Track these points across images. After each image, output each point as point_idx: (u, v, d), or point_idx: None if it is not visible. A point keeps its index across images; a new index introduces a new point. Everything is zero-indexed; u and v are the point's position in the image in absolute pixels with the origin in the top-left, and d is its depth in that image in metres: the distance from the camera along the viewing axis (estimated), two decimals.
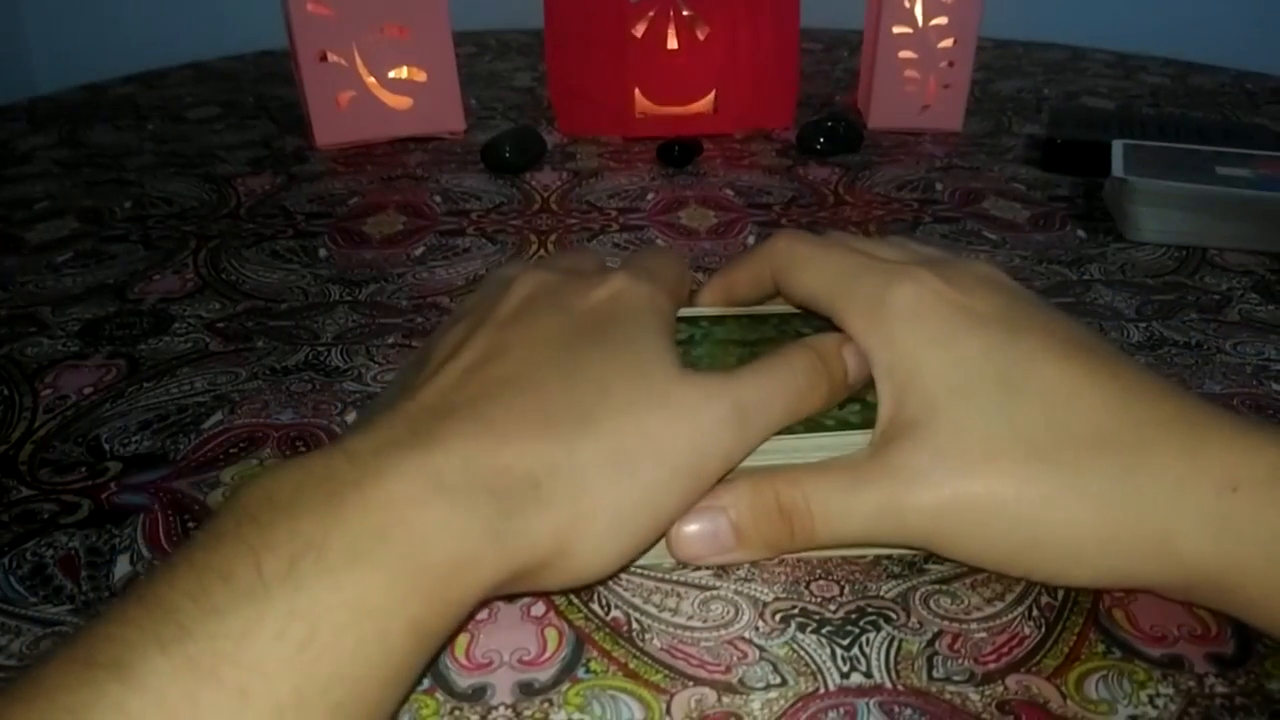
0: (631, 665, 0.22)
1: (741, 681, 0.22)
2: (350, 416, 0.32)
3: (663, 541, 0.25)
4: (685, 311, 0.31)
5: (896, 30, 0.63)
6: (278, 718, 0.16)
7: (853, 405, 0.27)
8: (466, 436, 0.20)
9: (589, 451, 0.21)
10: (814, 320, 0.30)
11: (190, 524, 0.27)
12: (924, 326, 0.24)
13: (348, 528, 0.18)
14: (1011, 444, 0.22)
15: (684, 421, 0.22)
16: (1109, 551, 0.22)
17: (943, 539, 0.23)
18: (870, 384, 0.27)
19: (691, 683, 0.22)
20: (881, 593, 0.24)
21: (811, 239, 0.28)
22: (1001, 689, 0.22)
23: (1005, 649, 0.23)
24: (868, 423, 0.26)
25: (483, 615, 0.24)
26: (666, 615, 0.24)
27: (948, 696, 0.21)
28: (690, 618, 0.24)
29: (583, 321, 0.24)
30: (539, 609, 0.24)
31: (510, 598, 0.24)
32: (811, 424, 0.26)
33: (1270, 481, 0.21)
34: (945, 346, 0.24)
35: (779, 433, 0.26)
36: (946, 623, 0.23)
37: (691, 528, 0.24)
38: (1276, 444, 0.22)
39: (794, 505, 0.23)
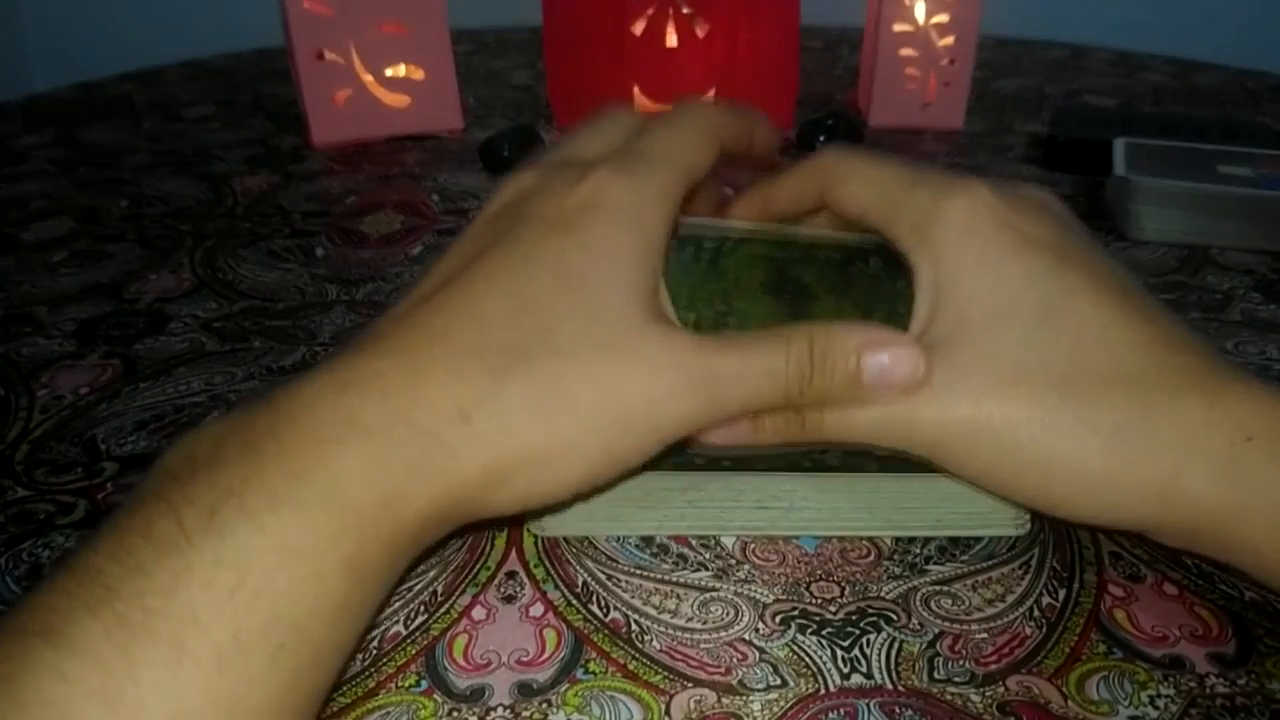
0: (631, 666, 0.22)
1: (741, 683, 0.22)
2: None
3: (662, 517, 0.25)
4: (712, 224, 0.28)
5: (897, 28, 0.63)
6: (218, 663, 0.16)
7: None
8: (386, 373, 0.20)
9: (521, 386, 0.20)
10: (841, 249, 0.28)
11: None
12: (971, 244, 0.24)
13: (265, 473, 0.18)
14: (1035, 373, 0.22)
15: (639, 377, 0.21)
16: (1117, 486, 0.22)
17: (948, 453, 0.23)
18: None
19: (691, 684, 0.22)
20: (882, 594, 0.24)
21: (863, 152, 0.27)
22: (1002, 690, 0.21)
23: (1006, 650, 0.23)
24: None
25: (481, 616, 0.24)
26: (666, 617, 0.24)
27: (949, 698, 0.21)
28: (690, 619, 0.24)
29: (544, 236, 0.22)
30: (538, 609, 0.24)
31: (509, 598, 0.24)
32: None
33: None
34: (989, 268, 0.23)
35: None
36: (947, 624, 0.23)
37: None
38: None
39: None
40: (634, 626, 0.23)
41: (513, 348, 0.20)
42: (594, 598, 0.24)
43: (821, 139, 0.60)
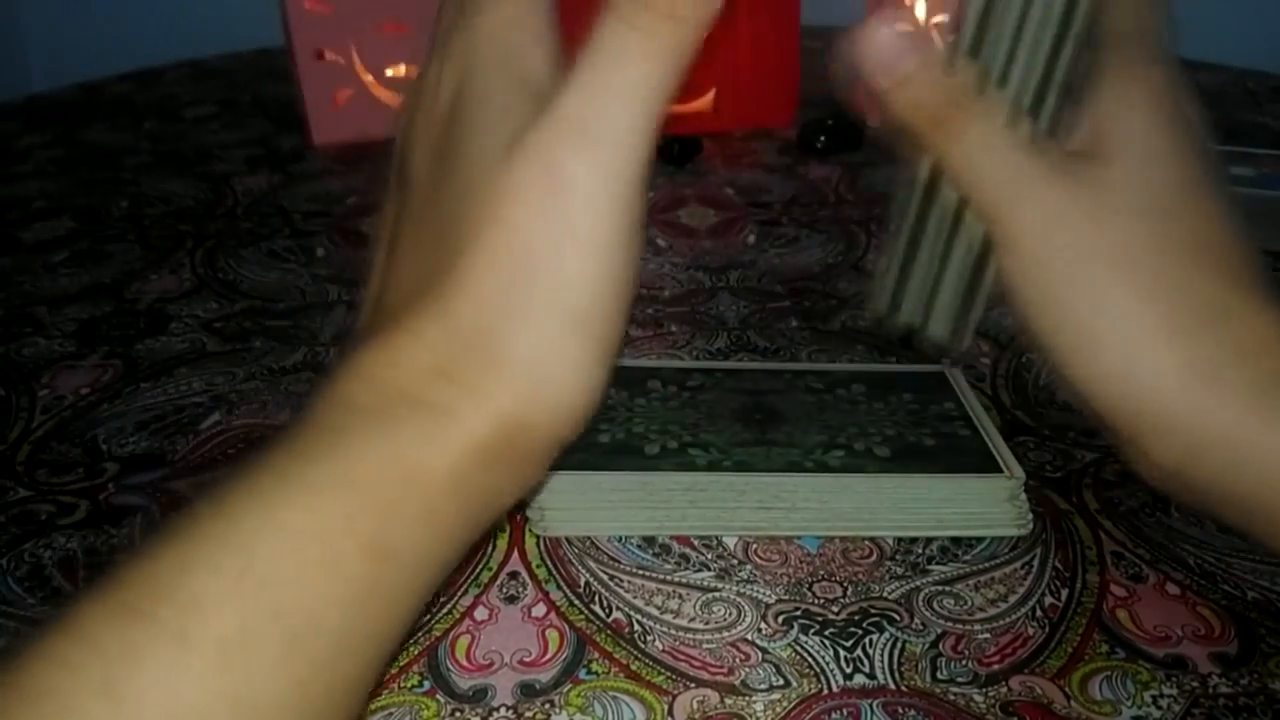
0: (633, 667, 0.22)
1: (744, 683, 0.22)
2: None
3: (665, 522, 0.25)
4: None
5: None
6: (222, 654, 0.15)
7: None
8: (366, 360, 0.19)
9: (466, 310, 0.18)
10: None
11: None
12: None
13: (274, 460, 0.18)
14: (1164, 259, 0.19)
15: (531, 202, 0.18)
16: (1161, 335, 0.19)
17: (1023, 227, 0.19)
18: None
19: (693, 684, 0.22)
20: (885, 594, 0.24)
21: None
22: (1005, 690, 0.21)
23: (1009, 650, 0.23)
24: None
25: (483, 616, 0.24)
26: (668, 617, 0.24)
27: (951, 698, 0.21)
28: (692, 619, 0.23)
29: (425, 161, 0.20)
30: (540, 610, 0.24)
31: (511, 598, 0.24)
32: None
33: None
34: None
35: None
36: (950, 624, 0.23)
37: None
38: None
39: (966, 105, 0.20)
40: (636, 627, 0.23)
41: (439, 276, 0.18)
42: (596, 598, 0.24)
43: (822, 139, 0.60)
